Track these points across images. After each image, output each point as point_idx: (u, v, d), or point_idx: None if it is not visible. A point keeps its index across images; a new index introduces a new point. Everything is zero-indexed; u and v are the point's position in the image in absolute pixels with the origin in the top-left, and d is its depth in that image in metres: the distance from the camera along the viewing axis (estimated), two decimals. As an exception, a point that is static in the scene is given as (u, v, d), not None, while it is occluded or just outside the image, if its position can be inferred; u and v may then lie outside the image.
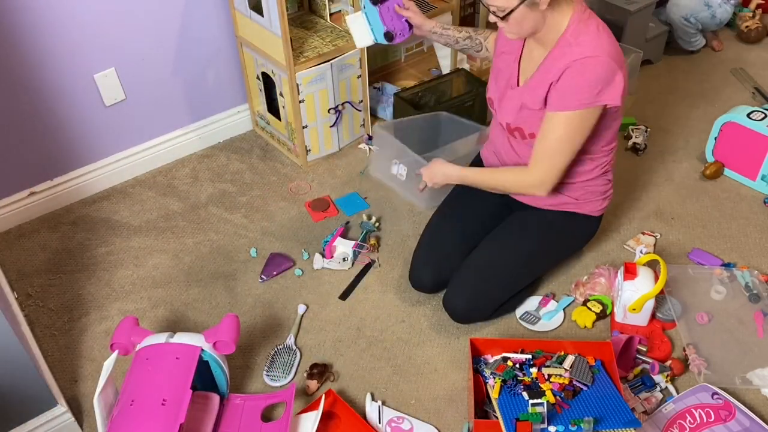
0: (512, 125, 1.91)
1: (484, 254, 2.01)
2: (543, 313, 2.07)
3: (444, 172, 2.02)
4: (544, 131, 1.81)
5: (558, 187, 1.95)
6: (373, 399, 1.87)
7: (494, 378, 1.72)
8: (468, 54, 2.14)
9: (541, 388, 1.69)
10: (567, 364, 1.74)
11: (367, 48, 2.54)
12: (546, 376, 1.72)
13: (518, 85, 1.89)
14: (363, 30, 2.05)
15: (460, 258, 2.05)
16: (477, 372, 1.78)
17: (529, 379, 1.72)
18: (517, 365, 1.76)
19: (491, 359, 1.81)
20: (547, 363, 1.76)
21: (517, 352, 1.80)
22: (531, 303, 2.10)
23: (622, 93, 1.76)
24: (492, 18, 1.76)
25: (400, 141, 2.27)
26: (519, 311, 2.07)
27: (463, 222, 2.10)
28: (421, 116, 2.49)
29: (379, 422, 1.82)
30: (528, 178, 1.89)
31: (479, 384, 1.76)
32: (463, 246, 2.07)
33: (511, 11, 1.69)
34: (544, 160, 1.84)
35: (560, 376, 1.71)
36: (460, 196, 2.16)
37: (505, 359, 1.78)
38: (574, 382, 1.71)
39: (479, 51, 2.11)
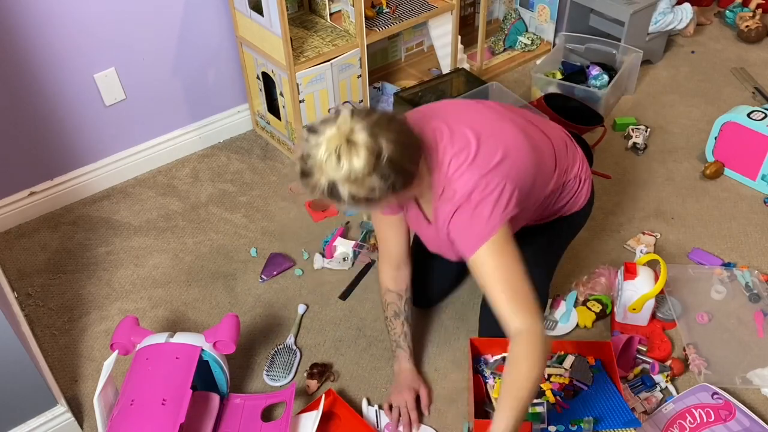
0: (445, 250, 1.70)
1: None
2: (558, 316, 2.06)
3: None
4: (482, 279, 1.51)
5: (536, 219, 1.81)
6: (369, 404, 1.87)
7: (494, 378, 1.72)
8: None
9: (541, 387, 1.68)
10: (567, 363, 1.75)
11: (367, 48, 2.54)
12: (546, 376, 1.72)
13: (429, 222, 1.66)
14: None
15: (451, 277, 2.04)
16: (477, 372, 1.78)
17: None
18: None
19: (491, 359, 1.81)
20: (547, 363, 1.75)
21: None
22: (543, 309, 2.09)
23: (514, 203, 1.52)
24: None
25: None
26: None
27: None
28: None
29: (377, 426, 1.82)
30: (529, 337, 1.44)
31: (479, 384, 1.76)
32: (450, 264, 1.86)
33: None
34: (512, 302, 1.46)
35: (560, 375, 1.72)
36: None
37: (505, 359, 1.77)
38: (574, 382, 1.71)
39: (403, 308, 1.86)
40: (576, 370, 1.73)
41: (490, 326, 1.71)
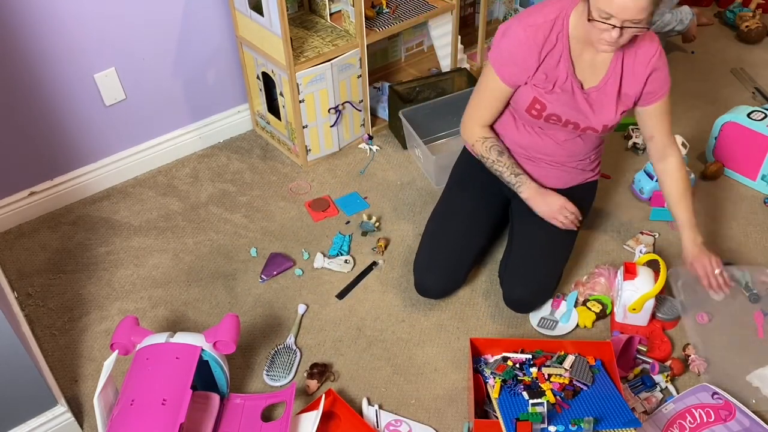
0: (613, 123, 1.95)
1: (526, 242, 2.05)
2: (559, 316, 2.06)
3: (700, 247, 2.02)
4: (662, 115, 1.98)
5: (585, 165, 2.10)
6: (369, 403, 1.87)
7: (494, 378, 1.73)
8: None
9: (541, 387, 1.69)
10: (567, 363, 1.75)
11: (367, 48, 2.55)
12: (546, 376, 1.72)
13: (585, 90, 1.90)
14: None
15: (468, 259, 2.07)
16: (477, 372, 1.78)
17: (529, 379, 1.72)
18: (517, 365, 1.76)
19: (491, 359, 1.81)
20: (547, 363, 1.76)
21: (517, 352, 1.80)
22: (544, 308, 2.09)
23: None
24: (614, 35, 1.69)
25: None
26: (534, 319, 2.06)
27: (464, 222, 2.10)
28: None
29: (377, 426, 1.82)
30: (680, 157, 2.02)
31: (479, 384, 1.76)
32: (468, 247, 2.08)
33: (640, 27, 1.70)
34: (672, 134, 2.02)
35: (560, 375, 1.72)
36: (454, 194, 2.16)
37: (505, 359, 1.78)
38: (574, 382, 1.71)
39: None
40: (576, 370, 1.73)
41: (514, 287, 2.02)
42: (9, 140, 2.31)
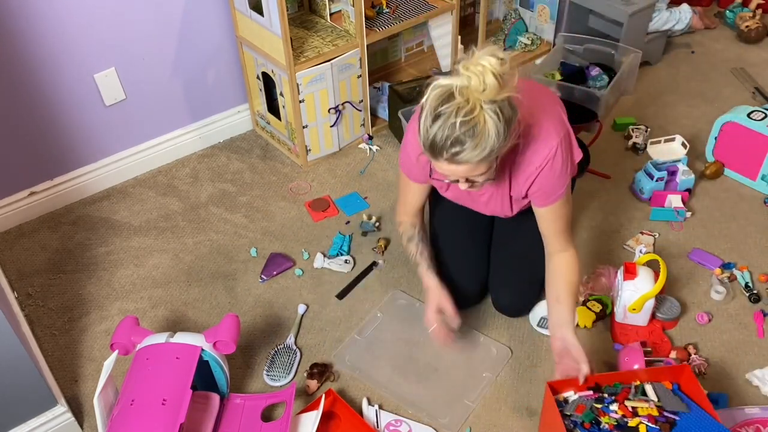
0: (514, 215, 1.90)
1: (505, 249, 2.05)
2: None
3: (572, 344, 1.75)
4: (550, 220, 1.78)
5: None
6: (369, 403, 1.87)
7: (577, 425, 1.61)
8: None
9: (626, 423, 1.57)
10: (651, 394, 1.63)
11: (367, 48, 2.55)
12: (630, 409, 1.60)
13: (477, 192, 1.81)
14: None
15: (485, 254, 2.09)
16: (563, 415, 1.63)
17: (615, 422, 1.59)
18: (594, 401, 1.64)
19: (570, 399, 1.68)
20: (629, 396, 1.64)
21: (593, 387, 1.68)
22: (544, 308, 2.07)
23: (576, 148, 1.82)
24: (464, 186, 1.63)
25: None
26: (534, 319, 2.06)
27: (472, 232, 2.09)
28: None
29: (377, 426, 1.82)
30: (573, 258, 1.82)
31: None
32: (482, 244, 2.09)
33: (485, 174, 1.59)
34: (567, 231, 1.81)
35: (648, 407, 1.60)
36: (451, 210, 2.10)
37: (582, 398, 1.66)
38: (665, 413, 1.59)
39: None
40: (666, 400, 1.61)
41: (499, 294, 2.04)
42: (9, 140, 2.31)
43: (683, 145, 2.59)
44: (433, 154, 1.52)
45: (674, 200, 2.37)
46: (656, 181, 2.39)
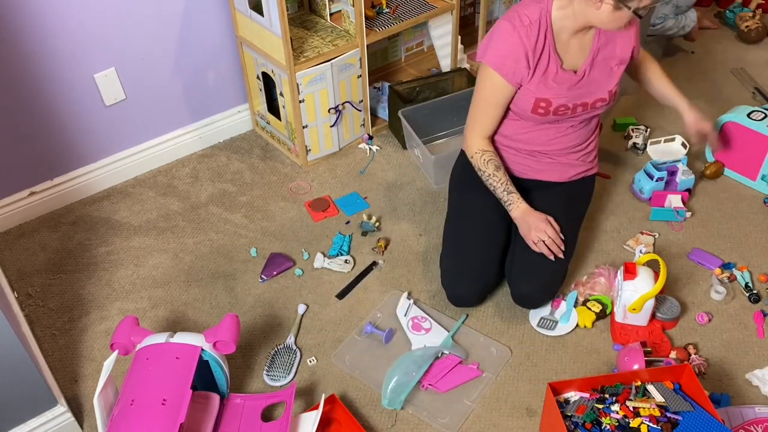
0: (615, 88, 2.00)
1: None
2: (559, 316, 2.06)
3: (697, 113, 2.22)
4: (638, 44, 2.04)
5: (584, 156, 2.12)
6: (408, 297, 2.09)
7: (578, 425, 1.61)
8: None
9: (628, 425, 1.57)
10: (655, 394, 1.63)
11: (367, 48, 2.55)
12: (632, 410, 1.60)
13: (578, 72, 1.94)
14: None
15: (494, 259, 2.06)
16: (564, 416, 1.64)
17: (616, 422, 1.59)
18: (595, 401, 1.65)
19: (572, 399, 1.70)
20: (630, 396, 1.64)
21: (596, 389, 1.70)
22: (544, 308, 2.08)
23: None
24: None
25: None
26: (534, 319, 2.06)
27: (481, 223, 2.08)
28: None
29: (405, 315, 2.06)
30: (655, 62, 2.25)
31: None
32: (492, 247, 2.06)
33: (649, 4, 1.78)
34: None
35: (650, 407, 1.60)
36: (464, 196, 2.15)
37: (582, 399, 1.67)
38: (668, 414, 1.59)
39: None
40: (671, 400, 1.61)
41: (521, 283, 2.02)
42: (9, 140, 2.31)
43: (683, 145, 2.58)
44: None
45: (674, 200, 2.37)
46: (656, 181, 2.39)
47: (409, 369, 1.88)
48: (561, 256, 1.99)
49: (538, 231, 1.97)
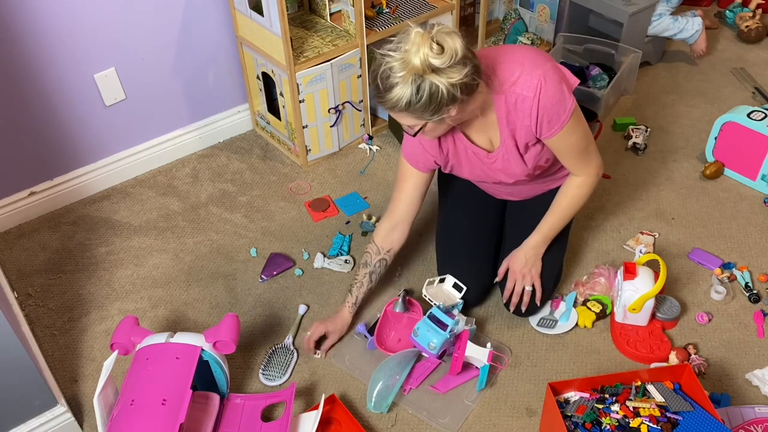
0: (532, 172, 1.88)
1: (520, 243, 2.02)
2: (558, 315, 2.06)
3: (533, 252, 1.98)
4: (563, 149, 1.81)
5: (538, 184, 2.01)
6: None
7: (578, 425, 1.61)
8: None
9: (628, 424, 1.57)
10: (655, 394, 1.63)
11: (367, 48, 2.54)
12: (632, 410, 1.60)
13: (491, 152, 1.84)
14: None
15: (490, 258, 2.08)
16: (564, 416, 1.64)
17: (616, 422, 1.59)
18: (595, 401, 1.65)
19: (572, 399, 1.70)
20: (630, 396, 1.64)
21: (597, 390, 1.70)
22: (543, 308, 2.08)
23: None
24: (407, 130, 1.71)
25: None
26: (534, 319, 2.06)
27: (478, 230, 2.10)
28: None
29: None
30: (587, 179, 1.90)
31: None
32: (486, 247, 2.08)
33: (420, 129, 1.66)
34: (584, 159, 1.86)
35: (650, 407, 1.59)
36: (454, 199, 2.15)
37: (583, 399, 1.67)
38: (668, 414, 1.59)
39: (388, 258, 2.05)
40: (671, 400, 1.60)
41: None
42: (9, 140, 2.31)
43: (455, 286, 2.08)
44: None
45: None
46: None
47: (392, 372, 1.87)
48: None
49: (310, 336, 1.96)
